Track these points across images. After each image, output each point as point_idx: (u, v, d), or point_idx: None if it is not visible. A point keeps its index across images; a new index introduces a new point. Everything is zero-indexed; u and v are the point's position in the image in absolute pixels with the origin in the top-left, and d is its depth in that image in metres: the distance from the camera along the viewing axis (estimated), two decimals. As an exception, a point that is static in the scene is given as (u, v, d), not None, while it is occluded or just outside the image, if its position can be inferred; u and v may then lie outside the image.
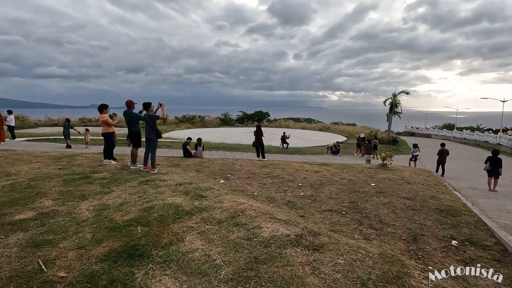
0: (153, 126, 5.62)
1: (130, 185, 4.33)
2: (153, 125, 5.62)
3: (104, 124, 6.41)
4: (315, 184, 6.73)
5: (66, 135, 12.36)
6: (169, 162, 8.33)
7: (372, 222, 4.67)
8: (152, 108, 5.93)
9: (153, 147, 5.78)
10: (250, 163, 8.99)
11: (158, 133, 5.73)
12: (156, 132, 5.68)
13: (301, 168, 8.34)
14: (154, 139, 5.74)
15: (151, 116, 5.63)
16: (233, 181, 6.72)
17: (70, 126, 12.75)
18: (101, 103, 6.59)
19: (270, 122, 45.67)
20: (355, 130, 36.44)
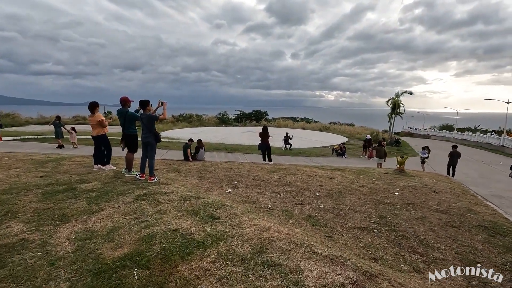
0: (151, 128, 4.77)
1: (124, 200, 3.54)
2: (151, 127, 4.77)
3: (99, 125, 5.58)
4: (334, 194, 6.00)
5: (59, 134, 11.48)
6: (168, 167, 7.53)
7: (413, 244, 3.95)
8: (150, 107, 5.00)
9: (152, 152, 4.94)
10: (257, 167, 8.23)
11: (157, 136, 4.86)
12: (155, 135, 4.82)
13: (314, 174, 7.60)
14: (153, 143, 4.87)
15: (150, 117, 4.74)
16: (242, 189, 5.96)
17: (61, 124, 11.84)
18: (91, 101, 5.76)
19: (269, 122, 44.92)
20: (356, 131, 35.86)
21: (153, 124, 4.79)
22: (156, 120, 4.89)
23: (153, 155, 4.95)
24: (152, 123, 4.77)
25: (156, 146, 4.99)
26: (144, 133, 4.84)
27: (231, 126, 39.21)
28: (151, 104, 5.15)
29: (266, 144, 9.72)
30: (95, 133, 5.63)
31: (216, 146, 16.10)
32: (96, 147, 5.70)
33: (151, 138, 4.83)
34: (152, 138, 4.85)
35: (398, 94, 28.16)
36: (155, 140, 4.85)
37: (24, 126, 24.93)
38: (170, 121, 38.16)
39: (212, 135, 25.66)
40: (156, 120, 4.86)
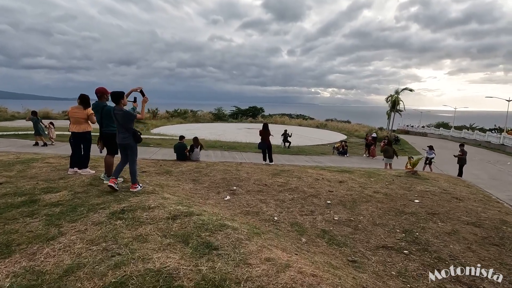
0: (128, 127, 3.83)
1: (94, 219, 2.73)
2: (128, 126, 3.82)
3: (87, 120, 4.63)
4: (347, 201, 5.26)
5: (41, 130, 10.56)
6: (158, 168, 6.71)
7: (455, 271, 3.22)
8: (125, 100, 3.93)
9: (133, 156, 4.00)
10: (257, 169, 7.46)
11: (137, 135, 3.92)
12: (135, 134, 3.88)
13: (321, 177, 6.86)
14: (132, 145, 3.93)
15: (126, 114, 3.77)
16: (242, 196, 5.19)
17: (39, 119, 10.88)
18: (83, 94, 4.79)
19: (265, 118, 44.11)
20: (353, 128, 35.32)
21: (130, 122, 3.84)
22: (134, 118, 3.89)
23: (135, 159, 4.02)
24: (130, 121, 3.82)
25: (137, 149, 4.05)
26: (121, 133, 3.87)
27: (226, 123, 38.32)
28: (130, 99, 4.31)
29: (267, 143, 8.95)
30: (80, 129, 4.70)
31: (212, 143, 15.28)
32: (77, 146, 4.82)
33: (130, 139, 3.88)
34: (131, 139, 3.90)
35: (397, 91, 27.58)
36: (136, 141, 3.92)
37: (10, 121, 23.72)
38: (164, 116, 37.07)
39: (207, 132, 24.79)
40: (133, 119, 3.87)
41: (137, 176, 4.11)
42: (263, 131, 9.01)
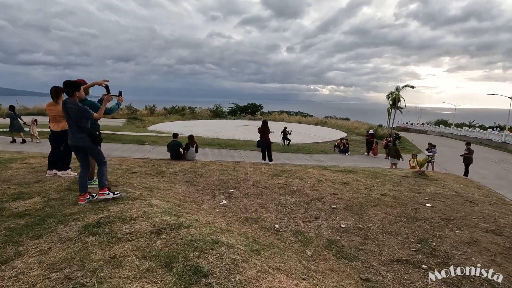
0: (81, 125, 3.13)
1: (63, 234, 2.29)
2: (81, 123, 3.12)
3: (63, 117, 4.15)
4: (354, 206, 4.84)
5: (16, 127, 9.97)
6: (150, 168, 6.26)
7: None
8: (81, 93, 3.19)
9: (98, 157, 3.35)
10: (256, 168, 7.03)
11: (94, 135, 3.23)
12: (91, 134, 3.20)
13: (324, 178, 6.44)
14: (88, 146, 3.24)
15: (80, 110, 3.07)
16: (239, 200, 4.76)
17: (17, 115, 10.27)
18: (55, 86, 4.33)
19: (264, 115, 43.61)
20: (353, 125, 34.88)
21: (85, 120, 3.14)
22: (90, 117, 3.16)
23: (102, 160, 3.36)
24: (84, 118, 3.13)
25: (98, 149, 3.34)
26: (74, 132, 3.15)
27: (225, 120, 37.81)
28: (120, 92, 3.82)
29: (267, 141, 8.50)
30: (59, 127, 4.27)
31: (209, 141, 14.82)
32: (57, 145, 4.36)
33: (86, 139, 3.16)
34: (88, 140, 3.18)
35: (398, 88, 27.14)
36: (93, 142, 3.21)
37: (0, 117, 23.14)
38: (161, 113, 36.50)
39: (205, 129, 24.32)
40: (90, 116, 3.16)
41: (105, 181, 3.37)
42: (262, 129, 8.55)
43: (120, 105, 3.79)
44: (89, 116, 3.19)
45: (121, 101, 3.81)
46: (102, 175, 3.36)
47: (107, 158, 3.81)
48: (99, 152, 3.40)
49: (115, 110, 3.68)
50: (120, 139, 12.39)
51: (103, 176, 3.37)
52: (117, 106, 3.74)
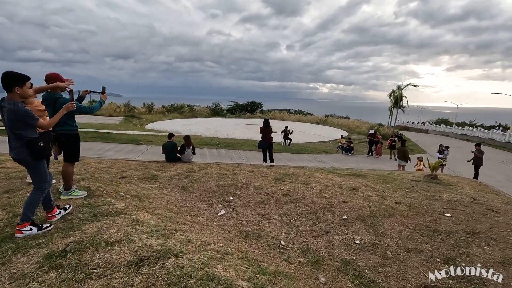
0: (17, 134, 2.34)
1: (16, 269, 1.75)
2: (17, 130, 2.33)
3: None
4: (366, 216, 4.36)
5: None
6: (143, 172, 5.76)
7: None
8: (24, 90, 2.34)
9: (35, 176, 2.49)
10: (257, 172, 6.54)
11: (33, 148, 2.36)
12: (29, 145, 2.34)
13: (331, 183, 5.95)
14: (27, 161, 2.43)
15: (16, 113, 2.28)
16: (240, 210, 4.28)
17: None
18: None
19: (263, 114, 43.08)
20: (354, 124, 34.38)
21: (22, 126, 2.29)
22: (30, 123, 2.31)
23: (40, 181, 2.46)
24: (21, 124, 2.29)
25: (39, 166, 2.46)
26: (11, 142, 2.40)
27: (224, 118, 37.28)
28: (104, 88, 3.29)
29: (269, 141, 8.00)
30: None
31: (208, 141, 14.31)
32: None
33: (22, 151, 2.36)
34: (24, 152, 2.36)
35: (401, 87, 26.64)
36: (32, 156, 2.36)
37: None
38: (159, 111, 35.92)
39: (204, 127, 23.82)
40: (32, 122, 2.31)
41: (32, 213, 2.42)
42: (264, 128, 8.05)
43: (103, 103, 3.28)
44: (28, 122, 2.30)
45: (104, 99, 3.30)
46: (30, 204, 2.41)
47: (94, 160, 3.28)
48: (39, 172, 2.48)
49: (96, 109, 3.17)
50: (115, 138, 11.88)
51: (31, 206, 2.40)
52: (100, 104, 3.23)
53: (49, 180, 2.53)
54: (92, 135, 12.20)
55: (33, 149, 2.34)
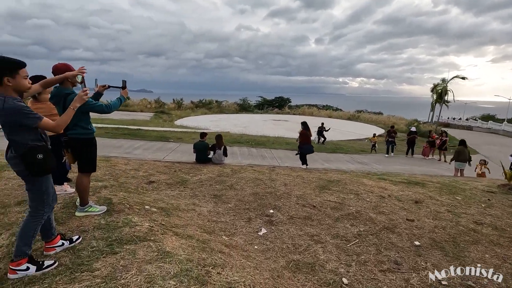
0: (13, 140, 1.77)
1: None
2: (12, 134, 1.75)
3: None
4: (444, 241, 3.45)
5: None
6: (171, 176, 5.24)
7: None
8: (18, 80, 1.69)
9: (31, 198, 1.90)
10: (296, 177, 5.78)
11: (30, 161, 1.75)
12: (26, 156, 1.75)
13: (386, 193, 5.04)
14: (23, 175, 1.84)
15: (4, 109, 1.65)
16: (283, 228, 3.56)
17: None
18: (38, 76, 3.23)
19: (292, 109, 41.95)
20: (390, 120, 32.18)
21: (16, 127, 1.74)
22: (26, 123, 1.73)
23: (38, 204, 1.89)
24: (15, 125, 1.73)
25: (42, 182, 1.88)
26: (7, 153, 1.85)
27: (252, 113, 36.72)
28: (125, 82, 2.70)
29: (311, 146, 7.39)
30: None
31: (237, 138, 13.74)
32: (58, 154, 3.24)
33: (18, 162, 1.79)
34: (21, 164, 1.79)
35: (446, 80, 24.23)
36: (29, 170, 1.79)
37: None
38: (188, 107, 36.16)
39: (232, 123, 23.42)
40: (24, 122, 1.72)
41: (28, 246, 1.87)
42: (305, 131, 7.40)
43: (123, 100, 2.69)
44: (24, 122, 1.71)
45: (125, 95, 2.71)
46: (24, 234, 1.84)
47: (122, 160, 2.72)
48: (38, 191, 1.87)
49: (115, 107, 2.59)
50: (144, 135, 11.69)
51: (25, 237, 1.84)
52: (119, 101, 2.64)
53: (52, 202, 1.96)
54: (122, 131, 12.11)
55: (29, 161, 1.77)
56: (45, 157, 1.79)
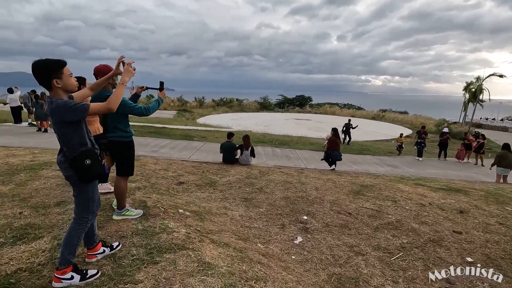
0: (66, 141, 1.70)
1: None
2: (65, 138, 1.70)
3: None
4: (499, 258, 3.14)
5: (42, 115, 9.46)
6: (200, 177, 5.19)
7: None
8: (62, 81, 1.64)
9: (77, 204, 1.84)
10: (327, 181, 5.55)
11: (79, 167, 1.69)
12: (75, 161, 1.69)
13: (426, 201, 4.70)
14: (73, 181, 1.77)
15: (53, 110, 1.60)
16: (320, 236, 3.38)
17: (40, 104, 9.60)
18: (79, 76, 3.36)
19: (313, 108, 41.17)
20: (418, 120, 30.76)
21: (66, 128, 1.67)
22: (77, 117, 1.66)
23: (83, 211, 1.82)
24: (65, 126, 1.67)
25: (87, 188, 1.80)
26: (59, 154, 1.78)
27: (272, 112, 36.45)
28: (162, 83, 2.64)
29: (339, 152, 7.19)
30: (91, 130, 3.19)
31: (260, 137, 13.61)
32: None
33: (66, 166, 1.72)
34: (69, 169, 1.71)
35: (481, 77, 22.73)
36: (78, 175, 1.71)
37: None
38: (210, 105, 36.46)
39: (253, 122, 23.33)
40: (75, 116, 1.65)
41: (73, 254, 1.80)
42: (335, 139, 7.21)
43: (161, 101, 2.62)
44: (73, 117, 1.63)
45: (163, 97, 2.64)
46: (69, 241, 1.76)
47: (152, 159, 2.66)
48: (84, 197, 1.80)
49: (154, 110, 2.52)
50: (169, 133, 11.83)
51: (70, 245, 1.76)
52: (157, 103, 2.57)
53: (96, 209, 1.91)
54: (148, 129, 12.33)
55: (78, 166, 1.71)
56: (93, 162, 1.73)
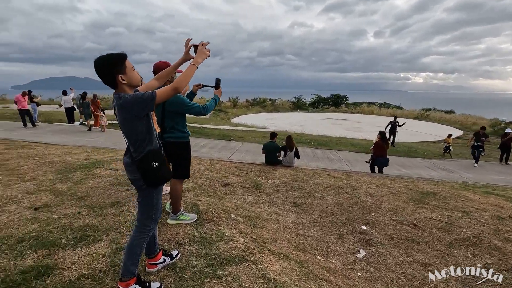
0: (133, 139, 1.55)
1: None
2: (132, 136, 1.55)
3: None
4: None
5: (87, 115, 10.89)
6: (245, 179, 5.02)
7: None
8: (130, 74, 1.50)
9: (140, 211, 1.68)
10: (380, 186, 5.09)
11: (148, 170, 1.55)
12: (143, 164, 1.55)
13: (503, 213, 4.08)
14: (139, 186, 1.63)
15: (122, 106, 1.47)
16: (385, 251, 3.01)
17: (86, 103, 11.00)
18: None
19: (349, 107, 39.58)
20: (468, 120, 28.08)
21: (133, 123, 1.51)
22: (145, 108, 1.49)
23: (145, 219, 1.68)
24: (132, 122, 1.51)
25: (152, 193, 1.65)
26: (126, 155, 1.64)
27: (306, 112, 35.67)
28: (218, 81, 2.48)
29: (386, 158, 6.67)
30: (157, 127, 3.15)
31: (297, 137, 13.22)
32: None
33: (134, 170, 1.58)
34: (137, 173, 1.56)
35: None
36: (146, 180, 1.57)
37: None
38: (243, 105, 36.66)
39: (287, 122, 22.95)
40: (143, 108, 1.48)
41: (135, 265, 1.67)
42: (382, 144, 6.70)
43: (218, 100, 2.45)
44: (139, 110, 1.48)
45: (219, 95, 2.47)
46: (132, 251, 1.65)
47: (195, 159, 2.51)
48: (148, 204, 1.66)
49: (211, 109, 2.37)
50: (207, 133, 11.94)
51: (133, 255, 1.65)
52: (214, 102, 2.41)
53: (158, 217, 1.77)
54: (187, 129, 12.59)
55: (144, 168, 1.54)
56: (160, 165, 1.58)
